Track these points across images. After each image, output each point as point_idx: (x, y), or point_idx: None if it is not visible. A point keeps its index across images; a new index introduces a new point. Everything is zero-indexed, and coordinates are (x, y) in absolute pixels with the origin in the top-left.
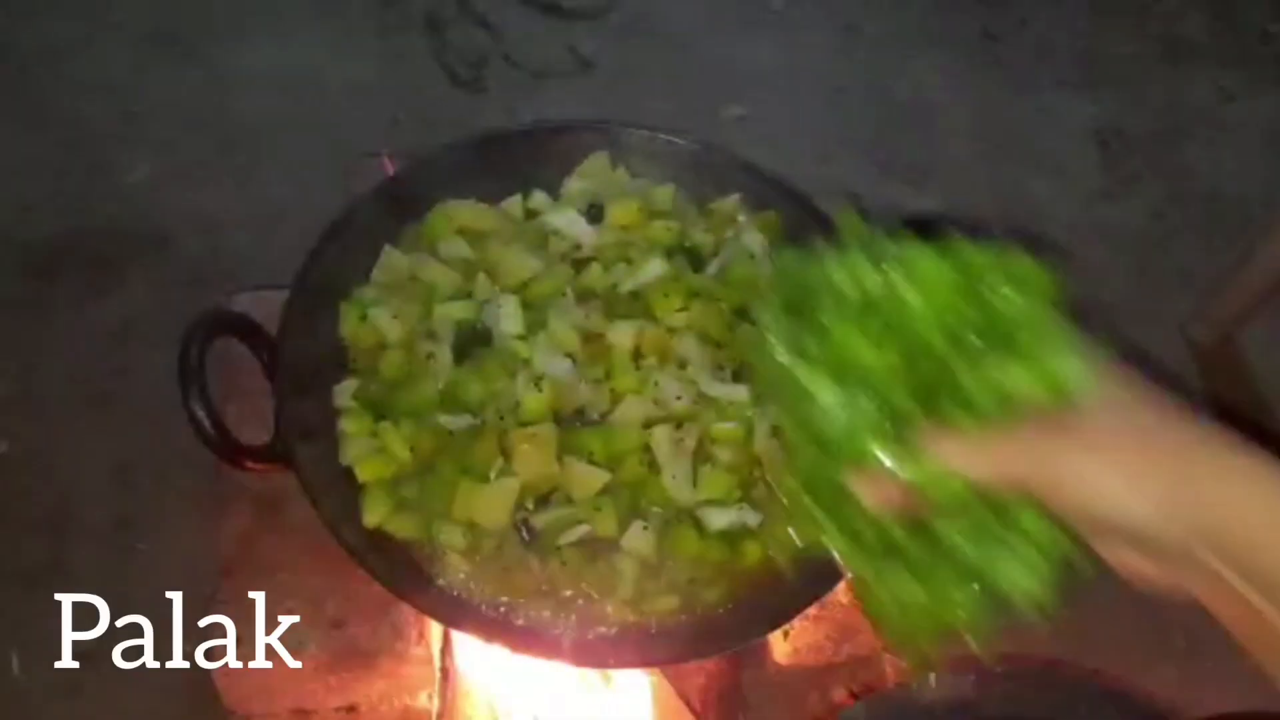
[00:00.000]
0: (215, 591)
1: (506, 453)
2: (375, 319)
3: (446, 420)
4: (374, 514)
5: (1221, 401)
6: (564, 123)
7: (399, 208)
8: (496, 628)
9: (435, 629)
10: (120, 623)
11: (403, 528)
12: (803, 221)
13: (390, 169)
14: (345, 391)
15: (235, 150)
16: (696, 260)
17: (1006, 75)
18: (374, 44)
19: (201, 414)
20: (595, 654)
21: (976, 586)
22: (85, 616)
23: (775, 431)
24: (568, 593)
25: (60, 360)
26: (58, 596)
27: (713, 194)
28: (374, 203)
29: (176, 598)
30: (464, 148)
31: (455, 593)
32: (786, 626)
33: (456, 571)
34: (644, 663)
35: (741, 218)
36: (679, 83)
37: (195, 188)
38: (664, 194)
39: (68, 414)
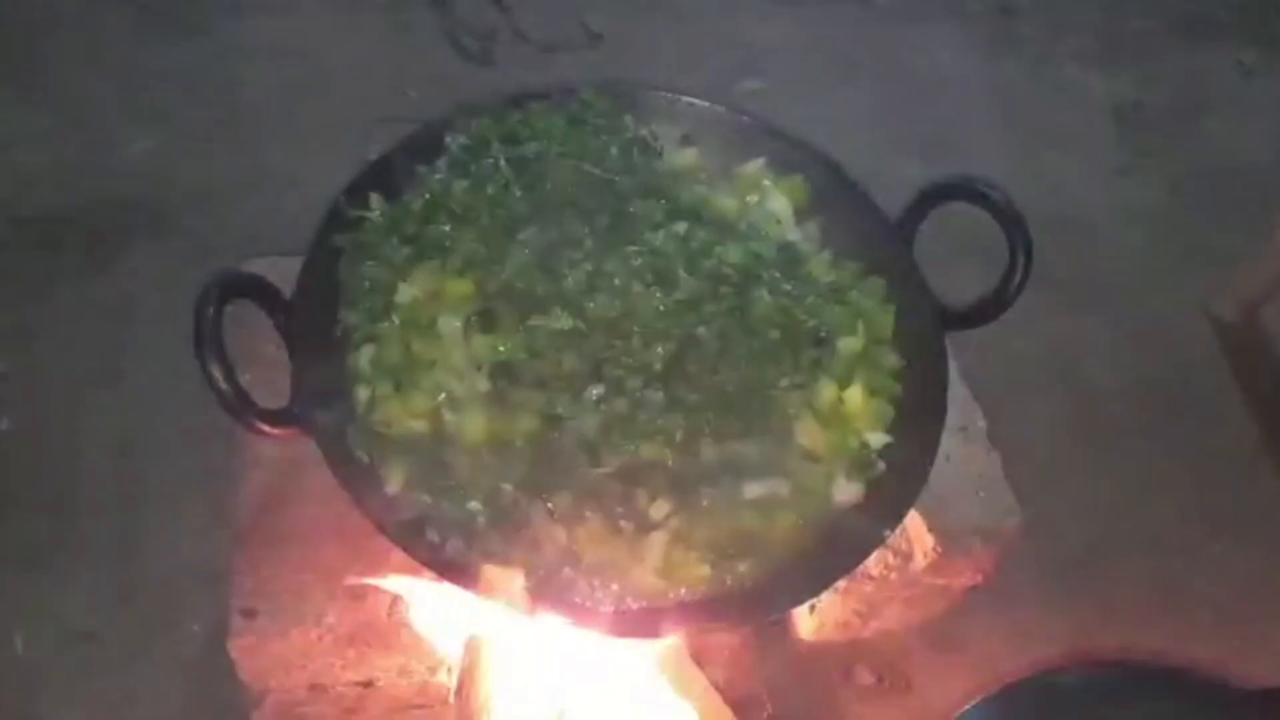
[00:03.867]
0: (229, 563)
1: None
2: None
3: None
4: (394, 482)
5: (1246, 380)
6: (585, 84)
7: (425, 162)
8: (524, 595)
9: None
10: (126, 601)
11: (424, 496)
12: (830, 186)
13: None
14: (364, 356)
15: (239, 123)
16: (721, 227)
17: (1022, 50)
18: (379, 17)
19: (218, 374)
20: (621, 623)
21: None
22: (91, 595)
23: None
24: (593, 562)
25: (62, 336)
26: (62, 575)
27: (736, 159)
28: (399, 157)
29: (184, 574)
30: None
31: (478, 561)
32: (815, 600)
33: (480, 540)
34: (670, 632)
35: (766, 183)
36: (691, 57)
37: (198, 160)
38: (687, 157)
39: (70, 391)
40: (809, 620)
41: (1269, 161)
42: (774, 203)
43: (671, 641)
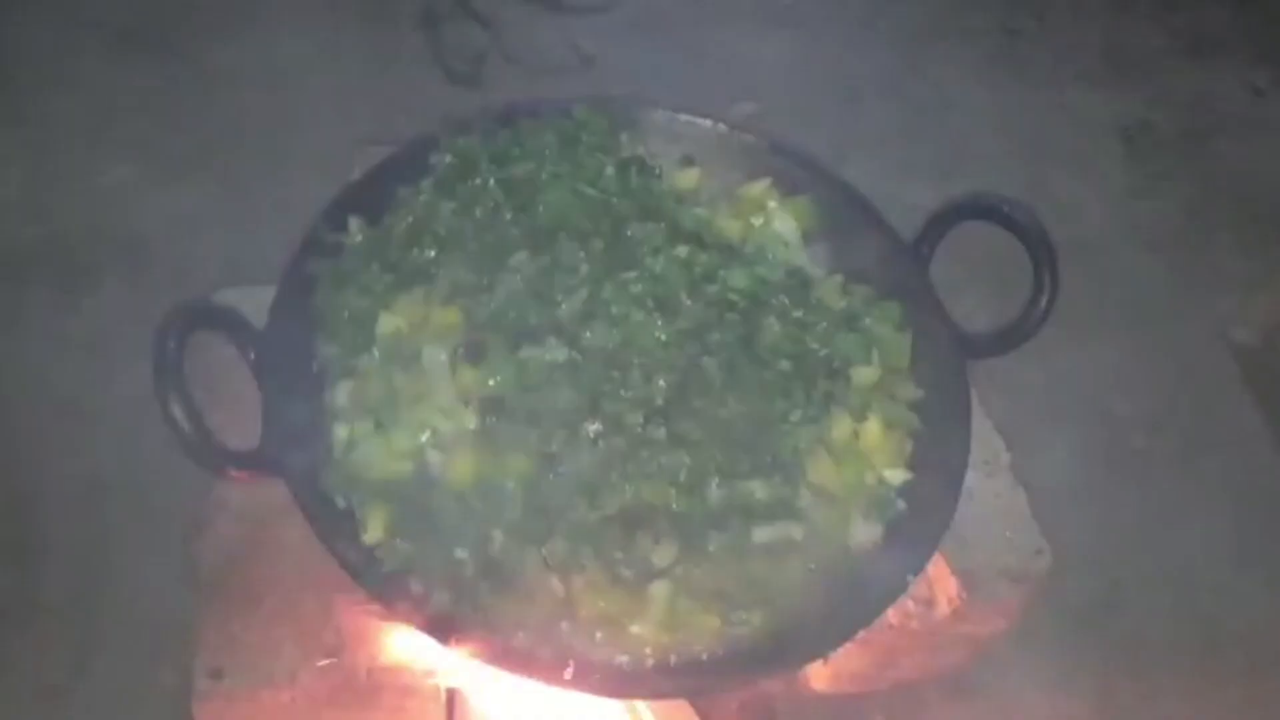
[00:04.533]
0: (196, 619)
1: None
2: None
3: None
4: (374, 529)
5: (1270, 406)
6: (577, 99)
7: (409, 183)
8: (513, 655)
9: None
10: (93, 655)
11: (406, 544)
12: (840, 206)
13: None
14: (342, 392)
15: (217, 150)
16: (725, 251)
17: (1027, 71)
18: (366, 41)
19: (178, 413)
20: (619, 683)
21: None
22: (56, 648)
23: None
24: (591, 614)
25: (30, 370)
26: (25, 626)
27: (740, 179)
28: (381, 178)
29: (154, 626)
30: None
31: (466, 616)
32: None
33: (468, 591)
34: (673, 693)
35: (772, 203)
36: (686, 79)
37: (175, 189)
38: (688, 178)
39: (37, 428)
40: (823, 672)
41: None
42: (781, 225)
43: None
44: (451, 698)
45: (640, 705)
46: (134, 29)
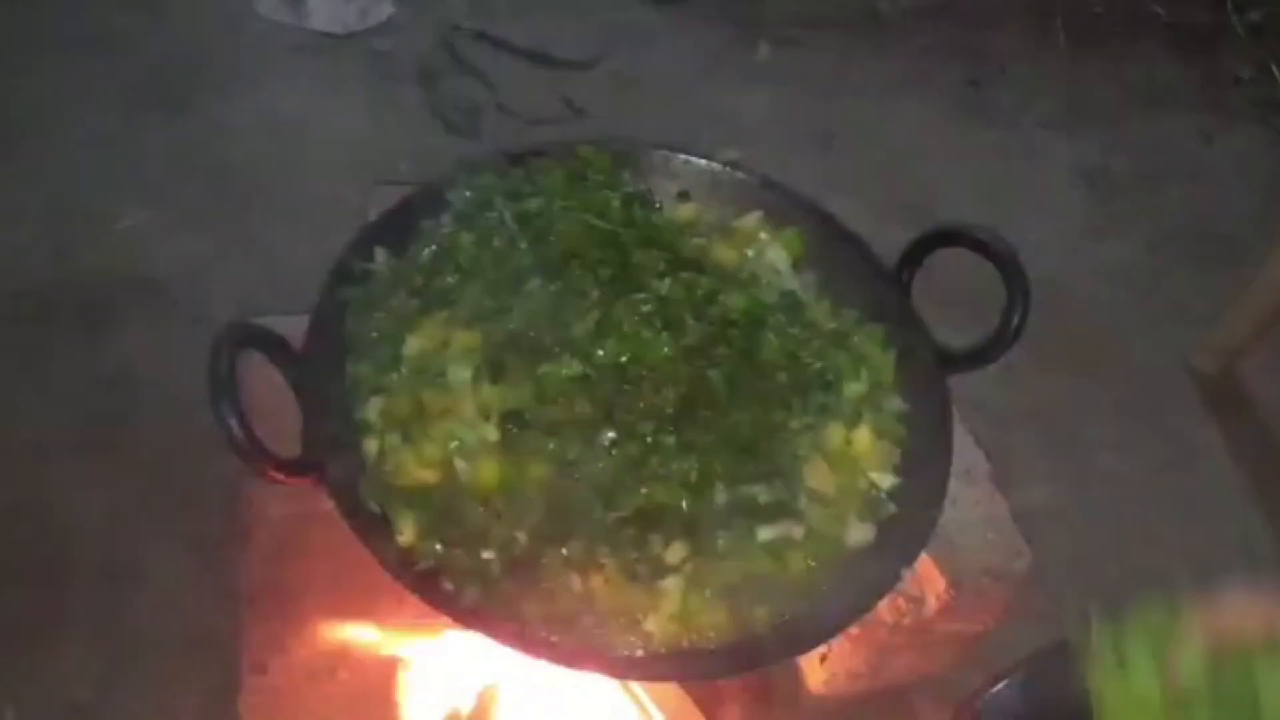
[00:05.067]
0: (240, 620)
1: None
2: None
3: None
4: (407, 533)
5: (1229, 431)
6: (580, 141)
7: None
8: (538, 643)
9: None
10: (120, 672)
11: (438, 544)
12: (825, 237)
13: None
14: (373, 408)
15: (229, 197)
16: (724, 276)
17: (991, 119)
18: (368, 94)
19: (235, 424)
20: (637, 668)
21: None
22: (83, 666)
23: None
24: (609, 608)
25: (55, 407)
26: (54, 646)
27: (734, 212)
28: (403, 214)
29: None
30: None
31: (494, 610)
32: (826, 647)
33: (496, 588)
34: (684, 676)
35: (764, 235)
36: (671, 129)
37: (190, 234)
38: (687, 212)
39: (64, 462)
40: (819, 672)
41: (1234, 222)
42: (772, 254)
43: (680, 689)
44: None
45: (649, 703)
46: (150, 86)
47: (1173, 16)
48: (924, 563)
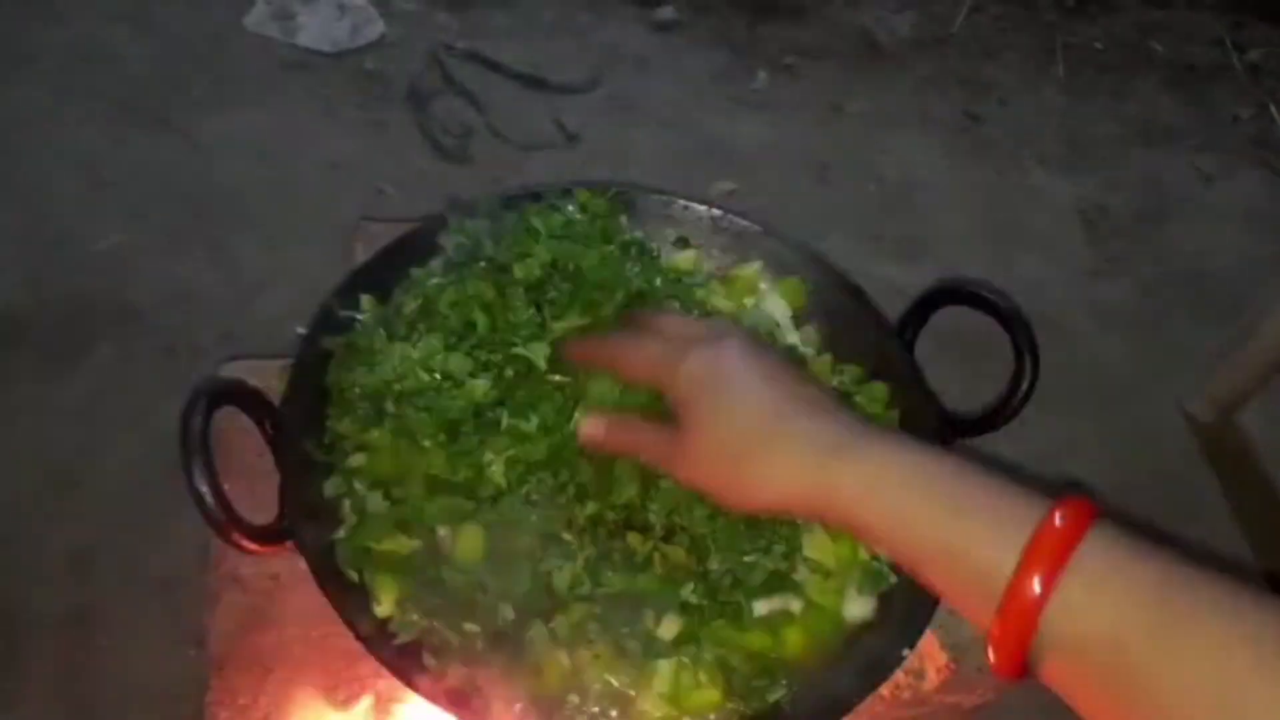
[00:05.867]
0: (201, 686)
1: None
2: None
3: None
4: (386, 602)
5: (1226, 480)
6: (575, 184)
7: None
8: None
9: None
10: None
11: (418, 615)
12: (828, 289)
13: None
14: (353, 468)
15: (210, 220)
16: None
17: (989, 154)
18: (355, 115)
19: (204, 488)
20: None
21: None
22: (41, 717)
23: None
24: (598, 689)
25: (19, 437)
26: (10, 696)
27: (733, 261)
28: (391, 258)
29: (140, 695)
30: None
31: (475, 688)
32: None
33: (480, 664)
34: None
35: (763, 285)
36: (666, 157)
37: (168, 258)
38: (686, 260)
39: (24, 498)
40: None
41: (1234, 265)
42: (772, 305)
43: None
44: None
45: None
46: (129, 101)
47: (1172, 54)
48: (925, 635)
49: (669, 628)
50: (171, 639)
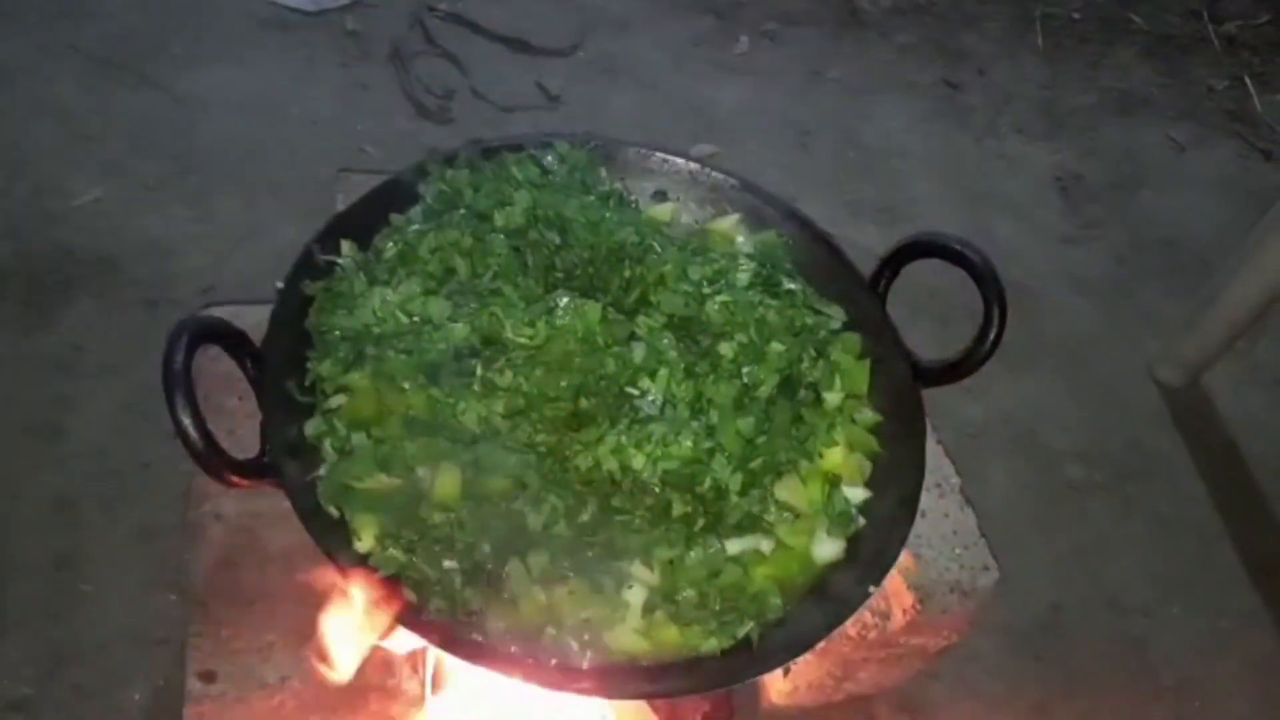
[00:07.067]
0: (185, 624)
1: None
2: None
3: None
4: (366, 539)
5: (1193, 441)
6: (554, 134)
7: (398, 210)
8: (498, 657)
9: (428, 663)
10: (60, 667)
11: (398, 551)
12: (803, 242)
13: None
14: (334, 407)
15: (190, 174)
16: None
17: (967, 122)
18: (337, 73)
19: (188, 422)
20: (597, 683)
21: None
22: (22, 661)
23: None
24: (574, 622)
25: (0, 388)
26: None
27: (710, 214)
28: (372, 205)
29: (123, 639)
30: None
31: (455, 622)
32: (794, 662)
33: (457, 599)
34: (648, 694)
35: (740, 238)
36: (647, 120)
37: (148, 212)
38: (663, 212)
39: (6, 447)
40: (782, 684)
41: (1204, 233)
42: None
43: (641, 704)
44: (433, 698)
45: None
46: (110, 56)
47: (1149, 25)
48: (892, 577)
49: (640, 566)
50: (153, 584)
